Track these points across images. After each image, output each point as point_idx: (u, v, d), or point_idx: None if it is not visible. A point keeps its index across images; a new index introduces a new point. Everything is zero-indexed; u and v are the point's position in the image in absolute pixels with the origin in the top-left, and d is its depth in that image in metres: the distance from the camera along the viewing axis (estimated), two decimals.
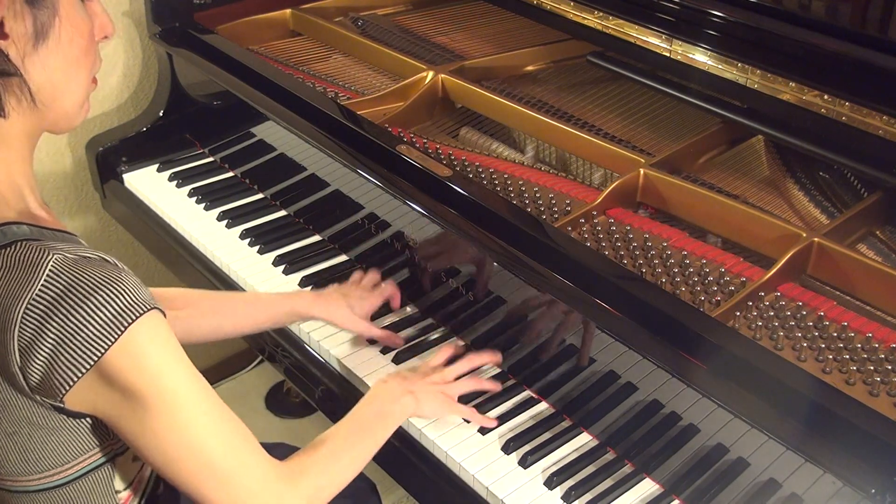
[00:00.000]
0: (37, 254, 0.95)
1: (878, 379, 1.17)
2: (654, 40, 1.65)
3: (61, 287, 0.93)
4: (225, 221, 1.77)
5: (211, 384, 1.02)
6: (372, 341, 1.48)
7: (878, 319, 1.28)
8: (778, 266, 1.31)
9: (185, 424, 0.99)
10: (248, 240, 1.72)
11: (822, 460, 1.05)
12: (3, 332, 0.94)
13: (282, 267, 1.65)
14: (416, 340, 1.48)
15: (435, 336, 1.49)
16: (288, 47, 1.99)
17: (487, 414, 1.34)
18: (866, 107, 1.39)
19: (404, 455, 1.33)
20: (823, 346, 1.23)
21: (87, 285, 0.93)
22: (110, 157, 1.95)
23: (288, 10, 2.06)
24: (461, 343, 1.42)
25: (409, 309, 1.55)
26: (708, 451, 1.20)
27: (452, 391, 1.31)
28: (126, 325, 0.94)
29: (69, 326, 0.93)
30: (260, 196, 1.85)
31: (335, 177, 1.66)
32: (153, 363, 0.97)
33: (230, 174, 1.92)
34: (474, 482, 1.26)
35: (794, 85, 1.47)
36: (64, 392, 0.96)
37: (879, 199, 1.44)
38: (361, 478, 1.52)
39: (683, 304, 1.24)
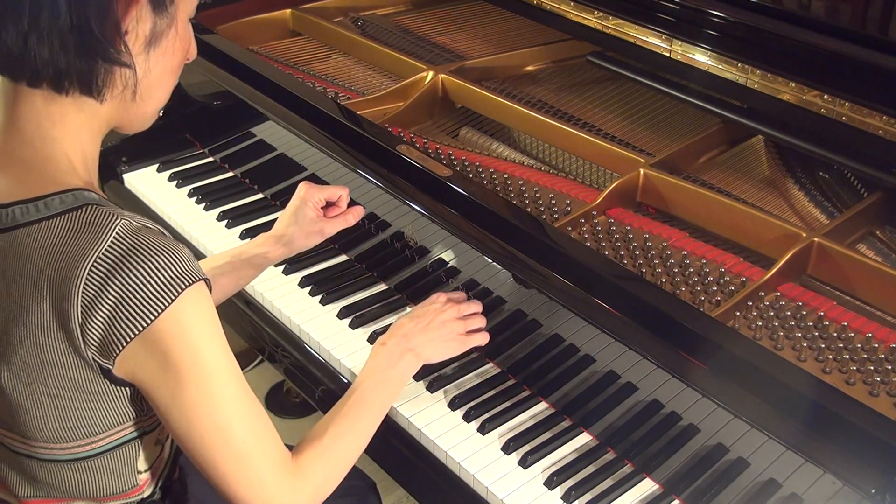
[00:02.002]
0: (105, 217, 1.00)
1: (878, 379, 1.17)
2: (654, 40, 1.65)
3: (125, 248, 0.98)
4: (225, 221, 1.77)
5: None
6: (372, 340, 1.48)
7: (878, 319, 1.28)
8: (778, 266, 1.31)
9: (216, 401, 1.02)
10: (248, 240, 1.72)
11: (822, 460, 1.05)
12: (68, 287, 0.97)
13: (282, 267, 1.65)
14: None
15: None
16: (288, 47, 1.99)
17: (485, 415, 1.34)
18: (866, 107, 1.39)
19: (404, 455, 1.33)
20: (823, 346, 1.23)
21: (148, 250, 0.98)
22: (110, 156, 1.95)
23: (288, 10, 2.06)
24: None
25: (409, 309, 1.55)
26: (708, 451, 1.20)
27: (461, 328, 1.34)
28: (181, 289, 0.98)
29: (130, 286, 0.97)
30: (260, 196, 1.85)
31: (335, 177, 1.66)
32: (195, 333, 1.01)
33: (230, 174, 1.92)
34: (474, 482, 1.26)
35: (794, 85, 1.47)
36: (118, 350, 0.99)
37: (879, 199, 1.44)
38: (361, 477, 1.52)
39: (683, 304, 1.24)
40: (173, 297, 0.98)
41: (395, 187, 1.48)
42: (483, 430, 1.32)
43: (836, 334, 1.25)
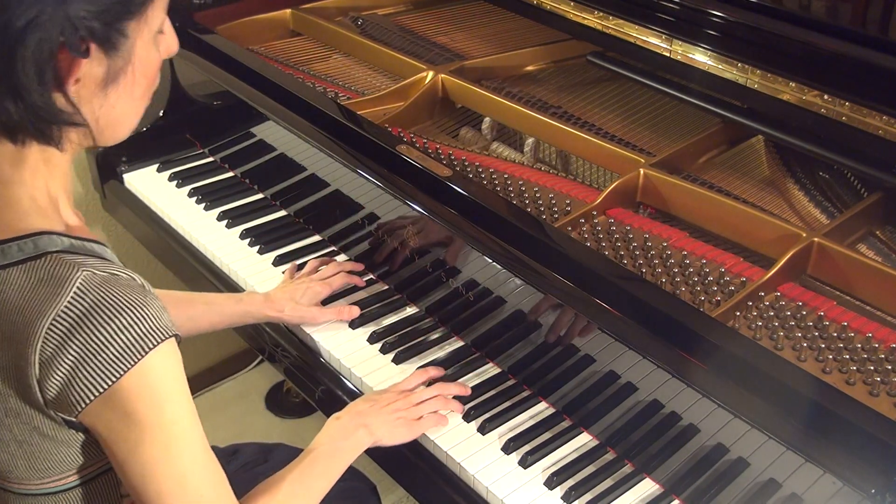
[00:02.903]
0: (66, 269, 0.95)
1: (878, 379, 1.17)
2: (654, 40, 1.65)
3: (88, 305, 0.93)
4: (225, 221, 1.77)
5: (211, 384, 1.03)
6: (372, 341, 1.48)
7: (878, 319, 1.28)
8: (778, 266, 1.31)
9: (175, 458, 0.99)
10: (248, 240, 1.72)
11: (822, 460, 1.05)
12: (25, 344, 0.94)
13: (282, 267, 1.65)
14: (417, 340, 1.48)
15: (435, 336, 1.49)
16: (288, 47, 1.99)
17: (484, 415, 1.34)
18: (866, 107, 1.39)
19: (404, 455, 1.33)
20: (823, 346, 1.23)
21: (114, 306, 0.94)
22: (110, 156, 1.95)
23: (288, 10, 2.06)
24: (431, 374, 1.40)
25: (409, 309, 1.55)
26: (708, 451, 1.20)
27: (413, 414, 1.31)
28: (147, 350, 0.95)
29: (92, 345, 0.93)
30: (260, 196, 1.85)
31: (335, 177, 1.66)
32: (161, 392, 0.97)
33: (230, 174, 1.92)
34: (474, 482, 1.26)
35: (794, 85, 1.47)
36: (80, 409, 0.95)
37: (879, 199, 1.44)
38: (362, 479, 1.52)
39: (683, 304, 1.24)
40: (140, 357, 0.94)
41: (395, 187, 1.48)
42: (483, 430, 1.32)
43: (836, 334, 1.25)
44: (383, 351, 1.46)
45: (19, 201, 0.99)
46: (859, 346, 1.23)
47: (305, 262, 1.64)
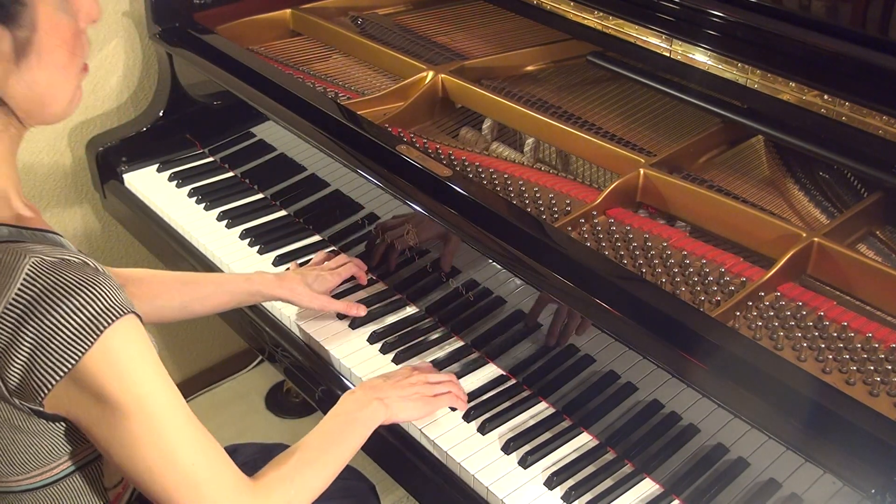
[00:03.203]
0: (13, 257, 0.94)
1: (878, 379, 1.17)
2: (654, 40, 1.65)
3: (38, 290, 0.93)
4: (225, 221, 1.77)
5: (211, 384, 1.03)
6: (372, 341, 1.48)
7: (878, 319, 1.28)
8: (778, 266, 1.31)
9: (158, 432, 0.99)
10: (248, 240, 1.72)
11: (822, 460, 1.05)
12: None
13: (282, 267, 1.65)
14: (417, 340, 1.48)
15: (435, 336, 1.49)
16: (288, 47, 1.99)
17: (484, 415, 1.34)
18: (866, 107, 1.39)
19: (404, 455, 1.33)
20: (823, 346, 1.23)
21: (64, 288, 0.93)
22: (110, 157, 1.95)
23: (288, 10, 2.06)
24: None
25: (409, 308, 1.55)
26: (708, 451, 1.20)
27: (428, 391, 1.31)
28: (103, 328, 0.94)
29: (46, 329, 0.92)
30: (260, 196, 1.85)
31: (335, 177, 1.66)
32: (128, 369, 0.96)
33: (230, 174, 1.92)
34: (474, 482, 1.26)
35: (794, 85, 1.47)
36: (43, 395, 0.95)
37: (879, 199, 1.44)
38: (360, 479, 1.52)
39: (683, 304, 1.24)
40: (96, 335, 0.93)
41: (395, 187, 1.48)
42: (483, 430, 1.32)
43: (836, 334, 1.25)
44: (383, 351, 1.46)
45: None
46: (859, 346, 1.22)
47: (305, 263, 1.64)
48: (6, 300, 0.93)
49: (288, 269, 1.62)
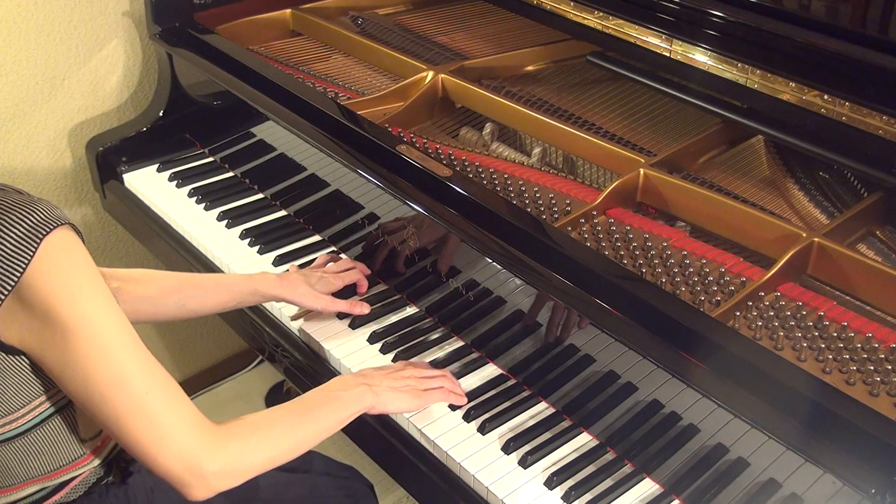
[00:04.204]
0: None
1: (878, 379, 1.17)
2: (654, 40, 1.65)
3: None
4: (225, 221, 1.77)
5: (211, 384, 1.02)
6: (372, 341, 1.48)
7: (878, 319, 1.28)
8: (778, 266, 1.31)
9: (106, 350, 0.99)
10: (248, 240, 1.72)
11: (822, 460, 1.05)
12: None
13: (282, 267, 1.65)
14: (417, 340, 1.48)
15: (435, 336, 1.49)
16: (288, 47, 1.99)
17: (484, 415, 1.34)
18: (866, 107, 1.39)
19: (404, 455, 1.33)
20: (823, 346, 1.23)
21: (2, 208, 0.96)
22: (110, 157, 1.95)
23: (288, 10, 2.06)
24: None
25: (409, 308, 1.55)
26: (708, 451, 1.20)
27: (421, 385, 1.30)
28: (40, 237, 0.96)
29: None
30: (260, 196, 1.85)
31: (335, 177, 1.66)
32: (70, 281, 0.97)
33: (230, 174, 1.92)
34: (474, 482, 1.26)
35: (794, 85, 1.47)
36: None
37: (879, 199, 1.44)
38: (360, 479, 1.52)
39: (683, 304, 1.24)
40: (34, 247, 0.95)
41: (395, 187, 1.48)
42: (483, 429, 1.32)
43: (836, 334, 1.25)
44: (383, 351, 1.46)
45: None
46: (859, 346, 1.22)
47: (305, 263, 1.64)
48: None
49: (289, 269, 1.62)
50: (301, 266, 1.62)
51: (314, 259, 1.65)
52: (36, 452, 1.10)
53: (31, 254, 0.95)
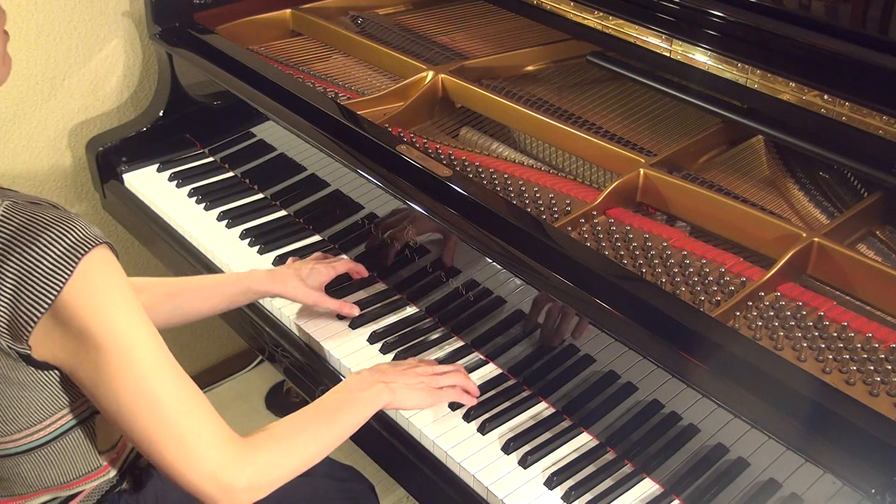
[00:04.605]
0: None
1: (878, 379, 1.17)
2: (654, 40, 1.65)
3: (14, 228, 0.96)
4: (225, 221, 1.77)
5: (211, 384, 1.03)
6: (372, 341, 1.48)
7: (878, 319, 1.28)
8: (778, 266, 1.31)
9: (139, 369, 0.99)
10: (248, 240, 1.72)
11: (822, 460, 1.05)
12: None
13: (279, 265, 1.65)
14: (417, 340, 1.48)
15: (435, 336, 1.49)
16: (288, 47, 1.99)
17: (484, 415, 1.34)
18: (866, 107, 1.39)
19: (404, 455, 1.33)
20: (823, 346, 1.23)
21: (38, 225, 0.96)
22: (110, 157, 1.95)
23: (288, 10, 2.06)
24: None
25: (409, 308, 1.55)
26: (708, 451, 1.20)
27: (436, 382, 1.31)
28: (79, 256, 0.96)
29: (26, 265, 0.95)
30: (260, 196, 1.85)
31: (335, 177, 1.66)
32: (106, 300, 0.98)
33: (230, 174, 1.92)
34: (474, 482, 1.26)
35: (794, 85, 1.47)
36: (29, 331, 0.97)
37: (879, 199, 1.44)
38: (360, 479, 1.52)
39: (683, 304, 1.24)
40: (73, 266, 0.96)
41: (395, 187, 1.48)
42: (483, 430, 1.32)
43: (836, 334, 1.25)
44: (383, 351, 1.46)
45: None
46: (859, 346, 1.22)
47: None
48: None
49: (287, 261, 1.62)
50: None
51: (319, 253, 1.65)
52: (53, 463, 1.11)
53: (69, 273, 0.96)
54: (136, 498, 1.22)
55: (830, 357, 1.22)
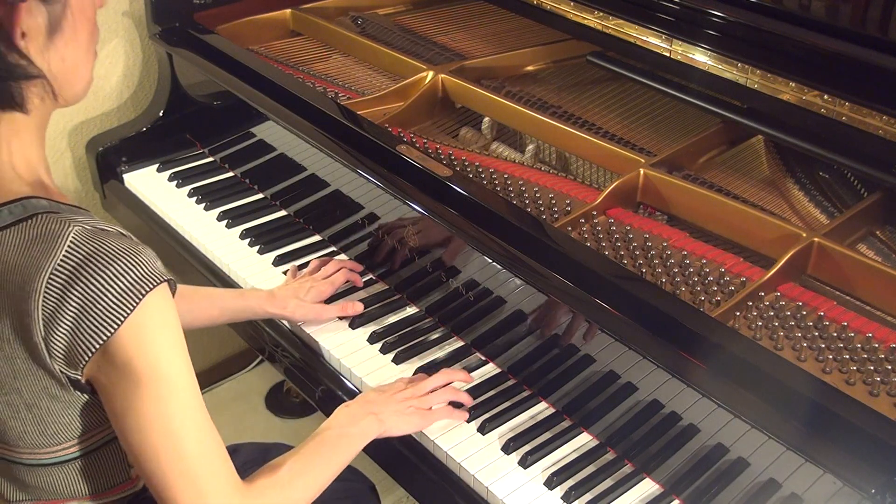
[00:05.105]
0: (58, 225, 0.98)
1: (878, 379, 1.17)
2: (654, 40, 1.65)
3: (82, 256, 0.96)
4: (225, 221, 1.77)
5: (211, 384, 1.04)
6: (372, 341, 1.48)
7: (878, 319, 1.28)
8: (778, 266, 1.31)
9: (171, 413, 1.00)
10: (248, 240, 1.72)
11: (822, 460, 1.05)
12: (27, 301, 0.96)
13: (282, 267, 1.65)
14: (417, 340, 1.48)
15: (435, 336, 1.49)
16: (288, 47, 1.99)
17: (484, 415, 1.34)
18: (866, 107, 1.39)
19: (404, 455, 1.33)
20: (823, 346, 1.23)
21: (107, 254, 0.96)
22: (110, 157, 1.95)
23: (288, 10, 2.06)
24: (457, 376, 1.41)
25: (409, 308, 1.55)
26: (708, 451, 1.20)
27: (425, 403, 1.31)
28: (144, 293, 0.97)
29: (91, 294, 0.95)
30: (260, 196, 1.85)
31: (335, 177, 1.66)
32: (157, 342, 0.99)
33: (230, 174, 1.92)
34: (474, 482, 1.26)
35: (794, 85, 1.47)
36: (86, 360, 0.97)
37: (879, 199, 1.44)
38: (360, 479, 1.52)
39: (683, 304, 1.24)
40: (136, 303, 0.96)
41: (395, 187, 1.48)
42: (483, 430, 1.32)
43: (836, 334, 1.25)
44: (383, 351, 1.46)
45: (3, 169, 1.02)
46: (859, 346, 1.22)
47: (306, 264, 1.64)
48: (52, 266, 0.95)
49: (286, 273, 1.62)
50: (300, 267, 1.62)
51: (316, 259, 1.65)
52: (84, 474, 1.12)
53: (130, 310, 0.96)
54: None
55: (830, 357, 1.22)
